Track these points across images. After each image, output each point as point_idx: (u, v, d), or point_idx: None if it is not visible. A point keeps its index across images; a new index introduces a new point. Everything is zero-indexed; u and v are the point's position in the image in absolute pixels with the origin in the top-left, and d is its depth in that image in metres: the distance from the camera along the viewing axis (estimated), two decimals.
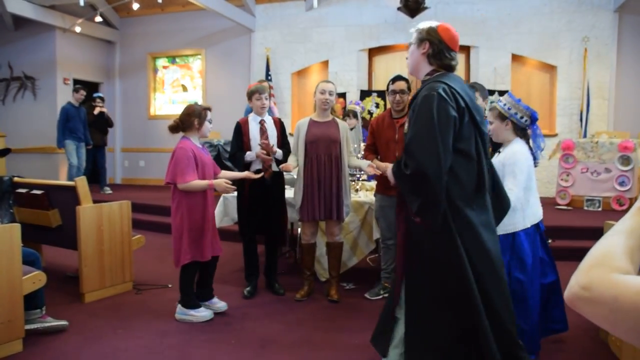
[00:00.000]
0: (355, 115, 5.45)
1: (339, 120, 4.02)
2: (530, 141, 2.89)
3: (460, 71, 8.38)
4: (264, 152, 3.87)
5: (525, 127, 2.87)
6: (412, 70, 2.39)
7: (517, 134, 2.87)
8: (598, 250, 0.78)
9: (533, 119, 2.89)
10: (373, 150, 3.94)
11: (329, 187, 3.83)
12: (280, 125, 4.17)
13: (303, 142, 3.88)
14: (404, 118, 3.68)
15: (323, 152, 3.84)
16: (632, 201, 6.38)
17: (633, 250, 0.77)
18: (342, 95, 8.33)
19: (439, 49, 2.26)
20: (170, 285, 4.24)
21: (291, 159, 3.90)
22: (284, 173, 4.06)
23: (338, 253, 4.01)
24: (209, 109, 3.62)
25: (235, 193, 4.06)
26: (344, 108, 8.32)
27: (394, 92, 3.77)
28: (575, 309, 0.74)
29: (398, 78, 3.82)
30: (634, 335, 0.67)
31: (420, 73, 2.35)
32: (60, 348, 3.02)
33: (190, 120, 3.51)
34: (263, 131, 4.02)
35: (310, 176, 3.84)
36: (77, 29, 9.03)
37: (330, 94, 3.90)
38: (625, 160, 6.48)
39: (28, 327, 3.08)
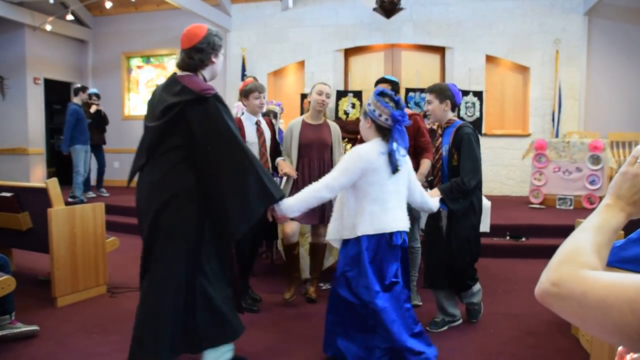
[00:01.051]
0: (275, 116, 5.32)
1: (330, 123, 3.99)
2: (395, 144, 2.62)
3: (435, 72, 8.50)
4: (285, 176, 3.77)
5: (387, 127, 2.62)
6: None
7: (379, 134, 2.65)
8: (567, 247, 0.80)
9: (393, 118, 2.59)
10: None
11: None
12: (272, 126, 4.08)
13: (297, 145, 3.82)
14: None
15: (316, 155, 3.81)
16: (602, 200, 6.54)
17: (600, 246, 0.79)
18: None
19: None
20: None
21: (287, 163, 3.83)
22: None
23: (322, 254, 4.03)
24: None
25: None
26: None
27: None
28: (545, 304, 0.76)
29: (382, 81, 3.85)
30: (602, 330, 0.68)
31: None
32: (31, 354, 2.94)
33: None
34: (260, 133, 3.89)
35: (302, 180, 3.75)
36: (48, 27, 8.83)
37: (327, 96, 3.85)
38: (596, 159, 6.64)
39: None
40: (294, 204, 2.56)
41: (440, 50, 8.50)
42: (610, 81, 7.90)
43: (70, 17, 8.91)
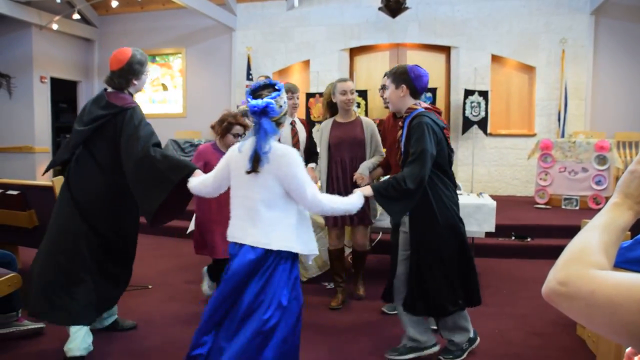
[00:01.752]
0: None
1: (364, 119, 3.87)
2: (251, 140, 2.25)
3: (440, 71, 8.47)
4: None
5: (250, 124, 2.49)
6: None
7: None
8: (574, 246, 0.79)
9: (250, 111, 2.24)
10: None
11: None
12: (308, 126, 4.03)
13: (325, 145, 3.75)
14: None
15: (347, 154, 3.70)
16: (608, 200, 6.51)
17: (608, 245, 0.78)
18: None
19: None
20: (150, 287, 4.19)
21: (311, 170, 3.80)
22: None
23: (363, 260, 4.01)
24: (237, 123, 3.48)
25: None
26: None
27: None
28: (552, 303, 0.75)
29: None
30: (610, 330, 0.68)
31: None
32: (37, 352, 2.96)
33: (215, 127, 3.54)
34: (295, 133, 3.87)
35: (336, 180, 3.69)
36: (55, 27, 8.86)
37: (352, 93, 3.77)
38: (602, 160, 6.60)
39: (3, 331, 3.02)
40: (195, 185, 2.60)
41: (445, 50, 8.48)
42: (616, 81, 7.85)
43: (76, 16, 8.94)
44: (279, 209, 2.21)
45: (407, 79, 2.73)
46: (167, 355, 2.92)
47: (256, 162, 2.17)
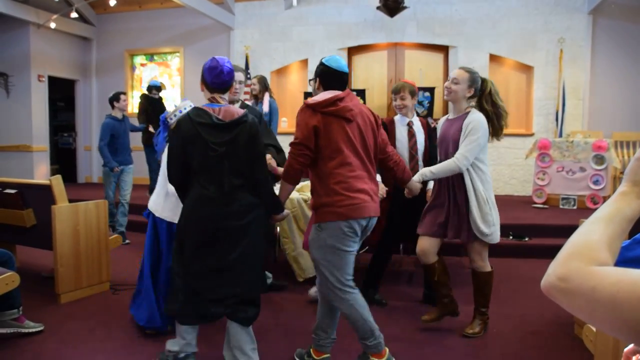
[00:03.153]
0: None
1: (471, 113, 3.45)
2: None
3: (438, 71, 8.48)
4: None
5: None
6: None
7: None
8: (577, 239, 0.77)
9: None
10: None
11: (454, 200, 3.16)
12: (427, 128, 3.80)
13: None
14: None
15: (451, 151, 3.19)
16: (605, 200, 6.52)
17: (612, 238, 0.76)
18: None
19: None
20: None
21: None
22: None
23: (481, 282, 3.23)
24: None
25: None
26: None
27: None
28: (551, 298, 0.74)
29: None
30: (611, 326, 0.68)
31: None
32: (35, 351, 2.95)
33: None
34: (412, 134, 3.71)
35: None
36: (52, 25, 8.84)
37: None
38: (599, 159, 6.62)
39: (3, 330, 3.02)
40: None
41: (443, 49, 8.48)
42: (614, 81, 7.87)
43: (74, 14, 8.92)
44: None
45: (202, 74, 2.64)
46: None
47: None
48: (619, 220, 0.78)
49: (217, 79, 2.56)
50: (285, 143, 3.19)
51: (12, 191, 3.96)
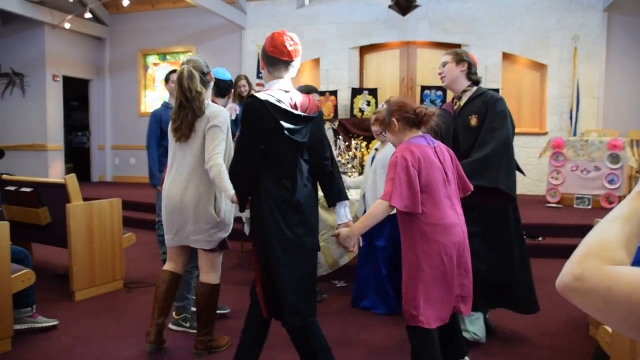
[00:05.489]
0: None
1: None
2: None
3: None
4: None
5: None
6: None
7: None
8: (593, 238, 0.76)
9: None
10: None
11: None
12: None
13: None
14: None
15: None
16: (621, 199, 6.45)
17: (629, 238, 0.75)
18: (334, 93, 8.33)
19: None
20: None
21: None
22: None
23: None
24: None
25: None
26: (335, 106, 8.33)
27: None
28: (566, 297, 0.74)
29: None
30: (627, 326, 0.67)
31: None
32: (50, 347, 2.99)
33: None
34: None
35: None
36: (67, 25, 8.94)
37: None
38: (615, 158, 6.53)
39: (18, 326, 3.06)
40: None
41: (456, 47, 8.42)
42: (629, 78, 7.76)
43: (88, 15, 9.02)
44: None
45: None
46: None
47: None
48: (637, 220, 0.77)
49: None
50: None
51: (28, 189, 4.01)
